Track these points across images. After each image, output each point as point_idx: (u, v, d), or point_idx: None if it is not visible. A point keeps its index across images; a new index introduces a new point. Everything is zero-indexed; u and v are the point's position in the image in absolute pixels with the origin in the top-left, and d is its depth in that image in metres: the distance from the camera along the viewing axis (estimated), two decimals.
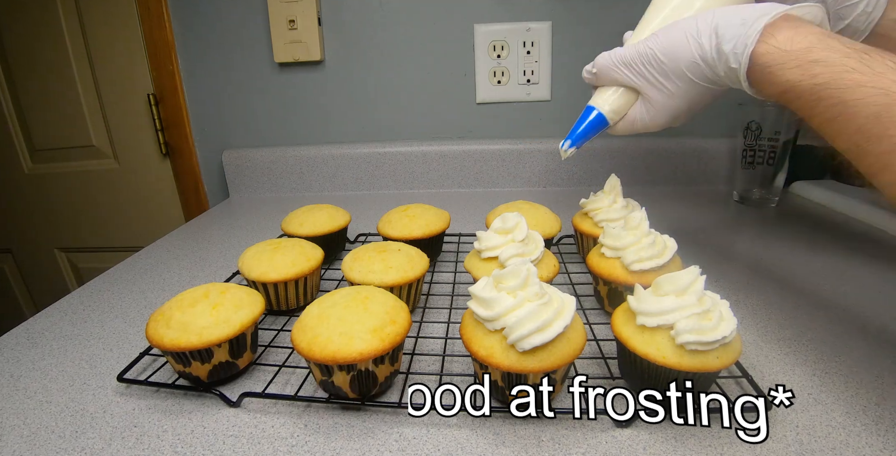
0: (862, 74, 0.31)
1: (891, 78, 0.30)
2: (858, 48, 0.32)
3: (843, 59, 0.32)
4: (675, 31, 0.42)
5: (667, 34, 0.42)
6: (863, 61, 0.31)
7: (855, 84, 0.31)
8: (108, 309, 0.55)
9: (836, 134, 0.33)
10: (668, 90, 0.44)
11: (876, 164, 0.30)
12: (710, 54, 0.39)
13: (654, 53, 0.43)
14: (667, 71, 0.43)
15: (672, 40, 0.41)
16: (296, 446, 0.34)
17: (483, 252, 0.47)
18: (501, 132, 0.95)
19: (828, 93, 0.32)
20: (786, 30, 0.35)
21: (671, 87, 0.44)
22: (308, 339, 0.35)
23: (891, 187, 0.30)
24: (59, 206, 1.12)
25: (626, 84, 0.47)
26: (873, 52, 0.31)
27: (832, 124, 0.33)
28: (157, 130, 0.99)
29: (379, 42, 0.90)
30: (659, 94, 0.45)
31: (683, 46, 0.41)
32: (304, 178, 0.98)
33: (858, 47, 0.32)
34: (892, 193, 0.30)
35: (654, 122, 0.47)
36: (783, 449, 0.32)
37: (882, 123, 0.29)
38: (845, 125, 0.32)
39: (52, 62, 0.98)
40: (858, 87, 0.31)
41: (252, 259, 0.49)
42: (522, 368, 0.32)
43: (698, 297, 0.33)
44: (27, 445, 0.34)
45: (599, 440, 0.33)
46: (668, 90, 0.44)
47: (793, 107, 0.35)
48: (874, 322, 0.47)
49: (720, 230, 0.72)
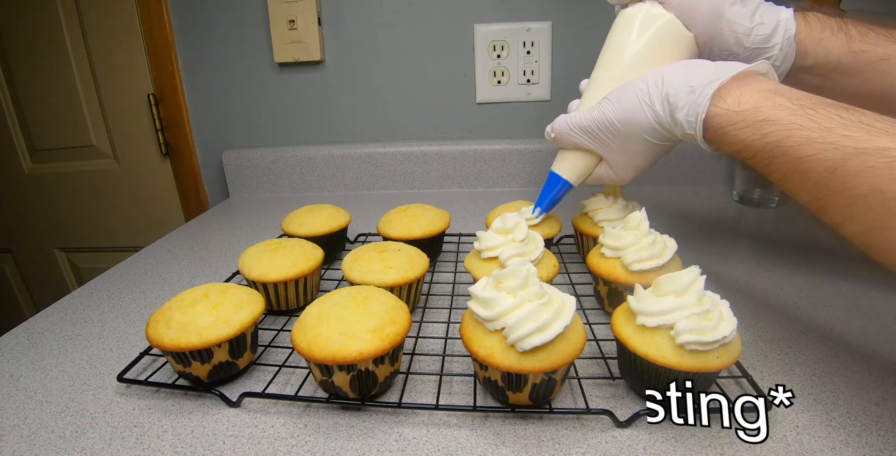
0: (811, 130, 0.32)
1: (840, 133, 0.30)
2: (805, 103, 0.33)
3: (791, 117, 0.33)
4: (629, 94, 0.43)
5: (620, 99, 0.43)
6: (809, 117, 0.32)
7: (805, 141, 0.32)
8: (108, 309, 0.55)
9: (795, 189, 0.34)
10: (631, 152, 0.46)
11: (838, 216, 0.31)
12: (666, 120, 0.41)
13: (610, 121, 0.44)
14: (625, 136, 0.44)
15: (627, 107, 0.43)
16: (296, 446, 0.34)
17: (483, 252, 0.47)
18: (501, 132, 0.95)
19: (781, 150, 0.33)
20: (733, 90, 0.37)
21: (633, 149, 0.45)
22: (308, 339, 0.35)
23: (858, 237, 0.31)
24: (59, 206, 1.12)
25: (585, 148, 0.48)
26: (819, 106, 0.33)
27: (790, 179, 0.33)
28: (157, 130, 0.99)
29: (379, 42, 0.90)
30: (620, 157, 0.47)
31: (639, 113, 0.42)
32: (304, 178, 0.98)
33: (805, 102, 0.33)
34: (861, 242, 0.31)
35: (621, 178, 0.49)
36: (783, 449, 0.32)
37: (838, 177, 0.30)
38: (802, 180, 0.32)
39: (52, 62, 0.98)
40: (809, 144, 0.31)
41: (252, 259, 0.49)
42: (522, 368, 0.32)
43: (698, 297, 0.33)
44: (27, 445, 0.34)
45: (599, 440, 0.33)
46: (629, 152, 0.46)
47: (751, 164, 0.36)
48: (874, 322, 0.47)
49: (720, 230, 0.72)
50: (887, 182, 0.28)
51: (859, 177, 0.29)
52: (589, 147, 0.48)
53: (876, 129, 0.30)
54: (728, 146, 0.37)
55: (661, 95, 0.40)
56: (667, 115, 0.40)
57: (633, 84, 0.43)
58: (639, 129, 0.43)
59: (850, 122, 0.31)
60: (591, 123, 0.46)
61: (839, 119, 0.31)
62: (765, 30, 0.43)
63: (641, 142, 0.44)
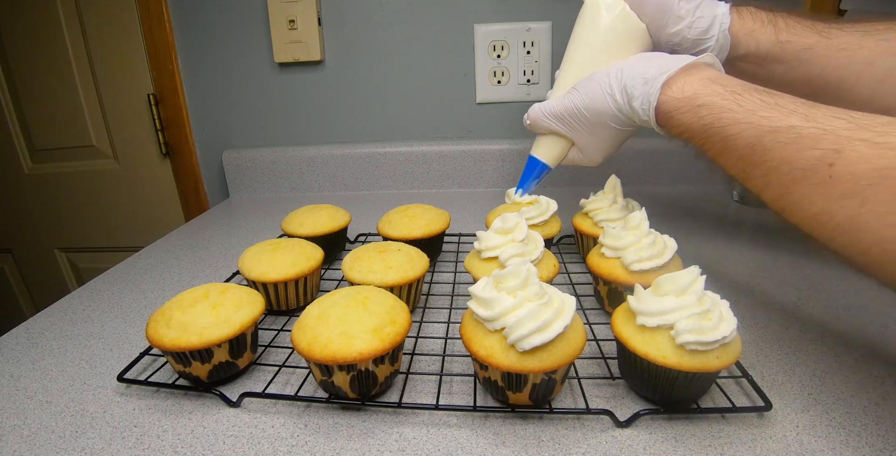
0: (736, 113, 0.36)
1: (760, 114, 0.35)
2: (735, 90, 0.38)
3: (722, 102, 0.38)
4: (593, 86, 0.48)
5: (586, 90, 0.48)
6: (737, 101, 0.37)
7: (732, 122, 0.37)
8: (108, 309, 0.55)
9: (725, 163, 0.39)
10: (598, 136, 0.51)
11: (758, 185, 0.36)
12: (625, 108, 0.45)
13: (578, 109, 0.49)
14: (592, 123, 0.49)
15: (592, 97, 0.48)
16: (296, 446, 0.34)
17: (483, 252, 0.47)
18: (501, 132, 0.95)
19: (713, 131, 0.38)
20: (679, 80, 0.42)
21: (600, 134, 0.50)
22: (308, 339, 0.35)
23: (773, 202, 0.35)
24: (59, 206, 1.12)
25: (558, 133, 0.53)
26: (747, 92, 0.37)
27: (721, 156, 0.38)
28: (157, 130, 0.99)
29: (379, 42, 0.90)
30: (589, 141, 0.52)
31: (602, 102, 0.47)
32: (304, 178, 0.98)
33: (736, 88, 0.38)
34: (775, 206, 0.35)
35: (591, 161, 0.54)
36: (783, 449, 0.32)
37: (757, 152, 0.35)
38: (730, 156, 0.37)
39: (52, 62, 0.98)
40: (735, 125, 0.36)
41: (252, 259, 0.49)
42: (522, 368, 0.32)
43: (698, 297, 0.33)
44: (27, 445, 0.34)
45: (599, 440, 0.33)
46: (597, 137, 0.51)
47: (692, 144, 0.41)
48: (874, 322, 0.47)
49: (720, 230, 0.72)
50: (792, 154, 0.32)
51: (773, 151, 0.33)
52: (561, 132, 0.53)
53: (788, 110, 0.34)
54: (674, 129, 0.42)
55: (621, 86, 0.45)
56: (625, 104, 0.45)
57: (597, 76, 0.48)
58: (603, 117, 0.48)
59: (769, 105, 0.35)
60: (562, 111, 0.51)
61: (761, 102, 0.36)
62: (704, 23, 0.48)
63: (607, 128, 0.49)
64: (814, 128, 0.31)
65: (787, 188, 0.33)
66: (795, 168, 0.32)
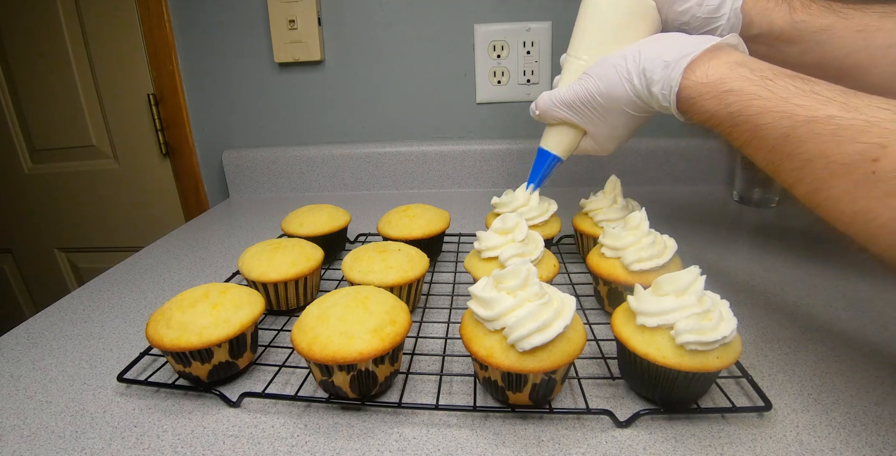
0: (768, 100, 0.34)
1: (793, 102, 0.32)
2: (766, 74, 0.35)
3: (751, 88, 0.35)
4: (609, 70, 0.45)
5: (600, 75, 0.45)
6: (768, 88, 0.34)
7: (763, 110, 0.34)
8: (108, 309, 0.55)
9: (754, 153, 0.36)
10: (612, 124, 0.47)
11: (789, 178, 0.33)
12: (644, 93, 0.43)
13: (592, 95, 0.46)
14: (607, 110, 0.46)
15: (607, 81, 0.45)
16: (296, 446, 0.34)
17: (483, 252, 0.47)
18: (501, 132, 0.95)
19: (742, 119, 0.35)
20: (703, 63, 0.39)
21: (614, 121, 0.47)
22: (308, 339, 0.35)
23: (806, 198, 0.33)
24: (59, 206, 1.12)
25: (568, 122, 0.50)
26: (778, 77, 0.35)
27: (749, 145, 0.36)
28: (157, 130, 0.99)
29: (379, 42, 0.90)
30: (603, 130, 0.49)
31: (619, 88, 0.44)
32: (304, 178, 0.98)
33: (766, 73, 0.36)
34: (808, 202, 0.33)
35: (604, 149, 0.51)
36: (783, 449, 0.32)
37: (790, 143, 0.32)
38: (760, 146, 0.35)
39: (52, 62, 0.98)
40: (767, 113, 0.34)
41: (252, 259, 0.49)
42: (522, 368, 0.32)
43: (698, 297, 0.33)
44: (27, 445, 0.34)
45: (599, 440, 0.33)
46: (611, 124, 0.48)
47: (717, 131, 0.39)
48: (874, 322, 0.47)
49: (720, 230, 0.72)
50: (831, 147, 0.30)
51: (808, 143, 0.31)
52: (572, 121, 0.50)
53: (826, 98, 0.31)
54: (697, 116, 0.40)
55: (639, 70, 0.42)
56: (644, 89, 0.42)
57: (611, 59, 0.45)
58: (619, 103, 0.45)
59: (804, 92, 0.32)
60: (574, 99, 0.48)
61: (794, 89, 0.33)
62: (714, 1, 0.46)
63: (622, 114, 0.46)
64: (855, 119, 0.29)
65: (824, 183, 0.30)
66: (834, 162, 0.30)
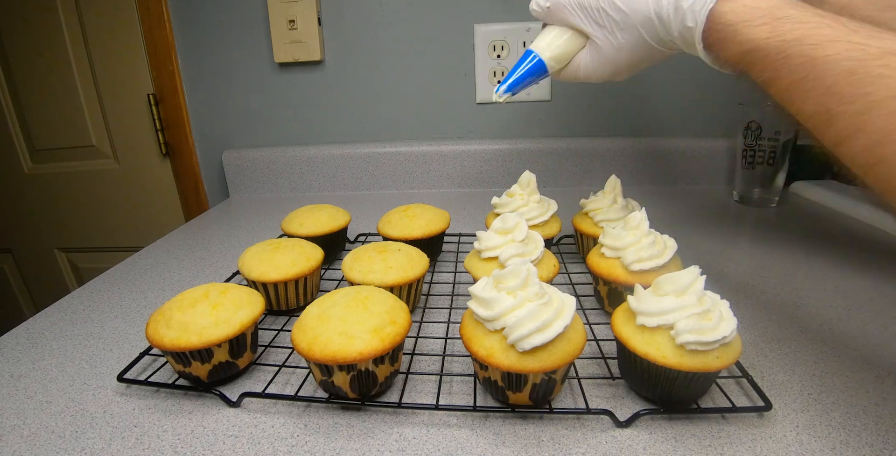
0: (835, 30, 0.28)
1: (866, 33, 0.27)
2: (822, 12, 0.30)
3: (814, 17, 0.30)
4: None
5: None
6: (833, 18, 0.29)
7: (828, 40, 0.28)
8: (108, 309, 0.55)
9: (802, 98, 0.30)
10: (619, 41, 0.42)
11: (848, 127, 0.27)
12: (667, 10, 0.37)
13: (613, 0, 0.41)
14: (621, 22, 0.41)
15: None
16: (296, 446, 0.34)
17: (483, 252, 0.47)
18: (501, 132, 0.95)
19: (798, 50, 0.29)
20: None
21: (622, 38, 0.42)
22: (308, 339, 0.35)
23: (862, 154, 0.27)
24: (59, 206, 1.12)
25: (576, 27, 0.45)
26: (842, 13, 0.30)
27: (798, 86, 0.30)
28: (157, 130, 0.99)
29: (379, 42, 0.90)
30: (608, 44, 0.43)
31: None
32: (304, 178, 0.98)
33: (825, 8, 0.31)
34: (862, 160, 0.27)
35: (597, 72, 0.46)
36: (783, 449, 0.32)
37: (855, 82, 0.27)
38: (813, 86, 0.29)
39: (52, 62, 0.98)
40: (832, 43, 0.28)
41: (252, 259, 0.49)
42: (522, 368, 0.32)
43: (698, 297, 0.33)
44: (27, 445, 0.34)
45: (599, 440, 0.33)
46: (618, 41, 0.43)
47: (754, 70, 0.33)
48: (874, 322, 0.47)
49: (720, 230, 0.72)
50: None
51: (881, 81, 0.26)
52: (580, 26, 0.44)
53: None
54: (735, 46, 0.33)
55: None
56: (669, 5, 0.37)
57: None
58: (636, 17, 0.40)
59: (876, 30, 0.28)
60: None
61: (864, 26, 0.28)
62: None
63: (633, 33, 0.41)
64: None
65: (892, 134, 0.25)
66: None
